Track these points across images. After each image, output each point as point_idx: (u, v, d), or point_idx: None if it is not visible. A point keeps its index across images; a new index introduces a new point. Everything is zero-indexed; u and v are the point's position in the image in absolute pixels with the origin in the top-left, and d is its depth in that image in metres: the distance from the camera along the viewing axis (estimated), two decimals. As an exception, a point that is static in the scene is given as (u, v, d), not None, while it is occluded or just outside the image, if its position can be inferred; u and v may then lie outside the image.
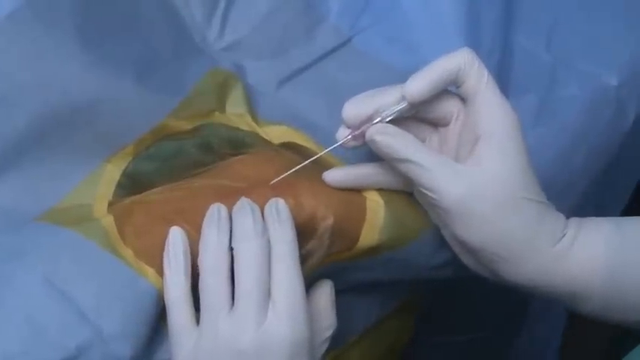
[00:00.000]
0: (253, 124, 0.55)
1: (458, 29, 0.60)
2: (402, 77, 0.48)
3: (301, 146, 0.55)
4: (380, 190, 0.51)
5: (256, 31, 0.58)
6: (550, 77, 0.62)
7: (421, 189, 0.48)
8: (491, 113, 0.47)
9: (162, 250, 0.46)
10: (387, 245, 0.51)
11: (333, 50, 0.60)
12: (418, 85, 0.47)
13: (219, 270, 0.45)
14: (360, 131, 0.48)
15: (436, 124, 0.51)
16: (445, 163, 0.47)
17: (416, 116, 0.50)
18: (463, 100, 0.49)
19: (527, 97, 0.61)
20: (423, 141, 0.51)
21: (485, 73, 0.47)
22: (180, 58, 0.55)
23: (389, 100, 0.48)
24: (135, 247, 0.47)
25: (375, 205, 0.50)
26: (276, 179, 0.48)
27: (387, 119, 0.48)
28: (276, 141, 0.55)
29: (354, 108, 0.48)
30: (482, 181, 0.46)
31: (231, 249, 0.45)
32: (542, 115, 0.61)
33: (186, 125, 0.53)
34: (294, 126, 0.56)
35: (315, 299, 0.49)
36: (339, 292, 0.51)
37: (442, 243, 0.52)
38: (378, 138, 0.47)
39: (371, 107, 0.48)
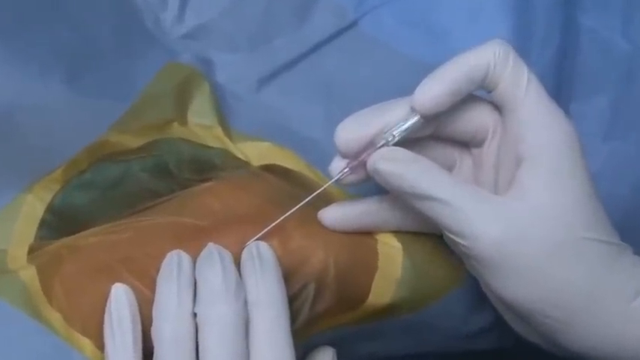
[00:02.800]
0: (225, 139, 0.56)
1: (501, 8, 0.61)
2: (425, 73, 0.48)
3: (289, 170, 0.56)
4: (395, 231, 0.52)
5: (228, 13, 0.59)
6: (628, 72, 0.63)
7: (446, 233, 0.48)
8: (535, 127, 0.47)
9: (102, 314, 0.46)
10: (406, 304, 0.51)
11: (333, 37, 0.61)
12: (431, 91, 0.47)
13: (180, 343, 0.45)
14: (358, 161, 0.48)
15: (467, 143, 0.51)
16: (476, 196, 0.47)
17: (438, 135, 0.50)
18: (499, 109, 0.50)
19: (596, 100, 0.62)
20: (452, 167, 0.52)
21: (525, 72, 0.48)
22: (126, 49, 0.56)
23: (398, 116, 0.48)
24: (65, 309, 0.47)
25: (390, 250, 0.51)
26: (261, 232, 0.48)
27: (394, 141, 0.48)
28: (256, 162, 0.56)
29: (351, 130, 0.48)
30: (527, 218, 0.46)
31: (195, 314, 0.45)
32: (616, 123, 0.62)
33: (133, 141, 0.54)
34: (280, 141, 0.57)
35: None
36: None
37: (480, 301, 0.53)
38: (383, 167, 0.47)
39: (373, 128, 0.48)
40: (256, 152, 0.56)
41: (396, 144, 0.48)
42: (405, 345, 0.55)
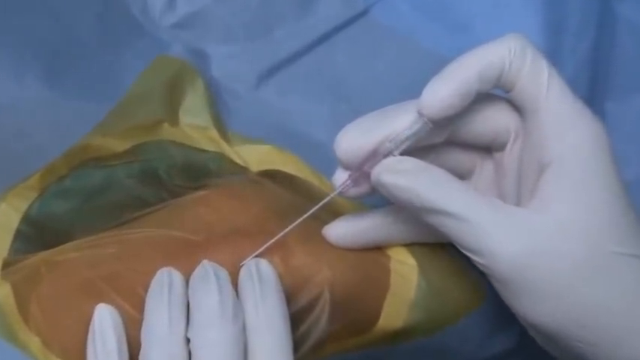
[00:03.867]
0: (221, 141, 0.56)
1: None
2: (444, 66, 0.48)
3: (292, 177, 0.56)
4: (408, 245, 0.52)
5: (223, 0, 0.60)
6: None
7: (462, 250, 0.48)
8: (558, 129, 0.47)
9: (85, 337, 0.47)
10: (420, 328, 0.52)
11: (342, 27, 0.61)
12: (439, 93, 0.47)
13: None
14: (359, 173, 0.48)
15: (488, 147, 0.51)
16: (493, 209, 0.47)
17: (454, 139, 0.51)
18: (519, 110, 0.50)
19: (635, 99, 0.63)
20: (471, 174, 0.52)
21: (545, 69, 0.47)
22: (110, 41, 0.57)
23: (405, 121, 0.48)
24: (43, 332, 0.47)
25: (404, 267, 0.52)
26: (261, 247, 0.48)
27: (399, 149, 0.48)
28: (255, 167, 0.56)
29: (353, 139, 0.48)
30: (550, 233, 0.46)
31: (188, 339, 0.46)
32: (657, 125, 0.62)
33: (118, 145, 0.55)
34: (281, 144, 0.57)
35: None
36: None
37: (505, 320, 0.53)
38: (388, 179, 0.47)
39: (377, 135, 0.48)
40: (255, 156, 0.57)
41: (406, 153, 0.48)
42: None
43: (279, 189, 0.54)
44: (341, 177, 0.49)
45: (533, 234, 0.46)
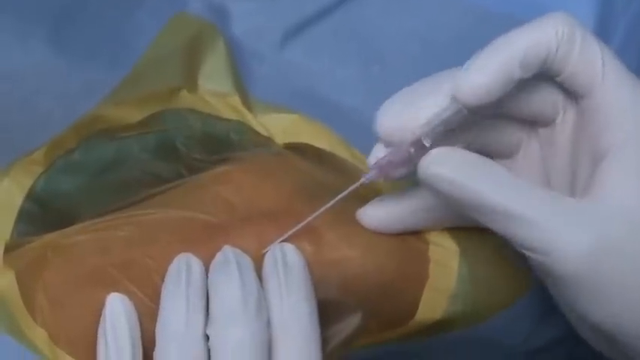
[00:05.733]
0: (243, 109, 0.55)
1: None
2: (489, 24, 0.48)
3: (321, 151, 0.55)
4: (450, 228, 0.51)
5: None
6: None
7: (520, 250, 0.46)
8: (618, 115, 0.46)
9: (95, 330, 0.46)
10: (460, 320, 0.51)
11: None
12: (475, 80, 0.45)
13: None
14: (402, 155, 0.46)
15: (534, 122, 0.50)
16: (555, 203, 0.45)
17: (498, 112, 0.49)
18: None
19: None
20: (516, 151, 0.51)
21: (598, 52, 0.46)
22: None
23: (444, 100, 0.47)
24: (50, 325, 0.47)
25: (444, 254, 0.50)
26: (288, 232, 0.47)
27: (439, 132, 0.46)
28: (280, 138, 0.56)
29: (396, 116, 0.47)
30: (620, 229, 0.45)
31: (207, 336, 0.45)
32: None
33: (132, 115, 0.53)
34: (308, 111, 0.56)
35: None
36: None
37: (549, 310, 0.52)
38: (438, 172, 0.45)
39: (424, 113, 0.47)
40: (280, 126, 0.56)
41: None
42: None
43: (308, 165, 0.53)
44: (379, 153, 0.48)
45: (601, 229, 0.45)
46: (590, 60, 0.46)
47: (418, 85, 0.48)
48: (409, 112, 0.47)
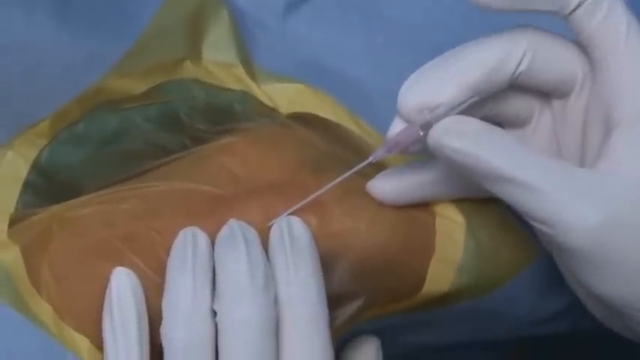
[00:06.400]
0: (248, 79, 0.55)
1: None
2: None
3: (327, 121, 0.55)
4: (457, 200, 0.51)
5: None
6: None
7: (529, 221, 0.46)
8: (635, 85, 0.46)
9: (101, 304, 0.46)
10: (467, 291, 0.51)
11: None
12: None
13: (196, 350, 0.44)
14: (413, 136, 0.46)
15: (548, 94, 0.50)
16: (566, 175, 0.45)
17: (514, 83, 0.48)
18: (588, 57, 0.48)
19: None
20: (528, 122, 0.51)
21: (624, 17, 0.46)
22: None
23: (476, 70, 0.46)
24: (56, 300, 0.46)
25: (451, 226, 0.50)
26: (295, 205, 0.47)
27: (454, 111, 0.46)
28: (285, 109, 0.55)
29: (421, 94, 0.46)
30: (625, 199, 0.45)
31: (214, 312, 0.45)
32: None
33: (136, 86, 0.53)
34: (313, 81, 0.56)
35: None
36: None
37: (555, 282, 0.52)
38: (448, 142, 0.46)
39: (449, 90, 0.46)
40: (285, 97, 0.55)
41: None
42: (460, 334, 0.55)
43: (313, 135, 0.53)
44: (397, 128, 0.48)
45: (612, 201, 0.45)
46: (614, 24, 0.46)
47: (441, 61, 0.47)
48: (427, 96, 0.47)
